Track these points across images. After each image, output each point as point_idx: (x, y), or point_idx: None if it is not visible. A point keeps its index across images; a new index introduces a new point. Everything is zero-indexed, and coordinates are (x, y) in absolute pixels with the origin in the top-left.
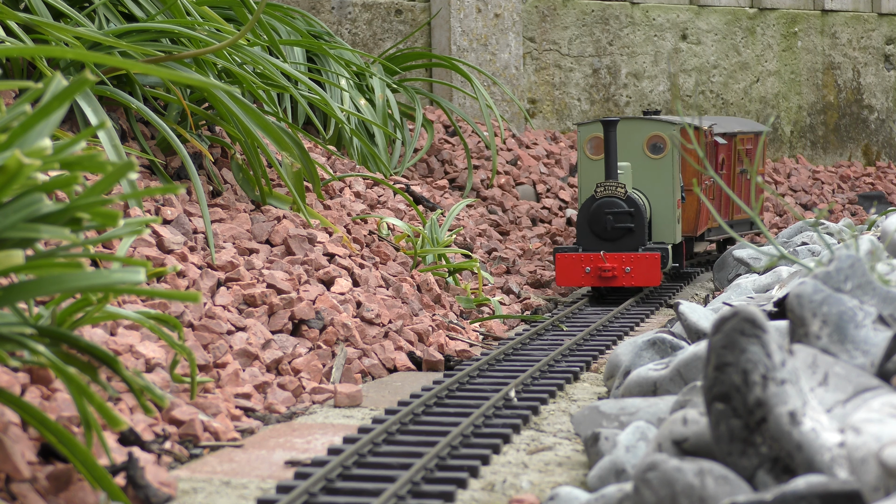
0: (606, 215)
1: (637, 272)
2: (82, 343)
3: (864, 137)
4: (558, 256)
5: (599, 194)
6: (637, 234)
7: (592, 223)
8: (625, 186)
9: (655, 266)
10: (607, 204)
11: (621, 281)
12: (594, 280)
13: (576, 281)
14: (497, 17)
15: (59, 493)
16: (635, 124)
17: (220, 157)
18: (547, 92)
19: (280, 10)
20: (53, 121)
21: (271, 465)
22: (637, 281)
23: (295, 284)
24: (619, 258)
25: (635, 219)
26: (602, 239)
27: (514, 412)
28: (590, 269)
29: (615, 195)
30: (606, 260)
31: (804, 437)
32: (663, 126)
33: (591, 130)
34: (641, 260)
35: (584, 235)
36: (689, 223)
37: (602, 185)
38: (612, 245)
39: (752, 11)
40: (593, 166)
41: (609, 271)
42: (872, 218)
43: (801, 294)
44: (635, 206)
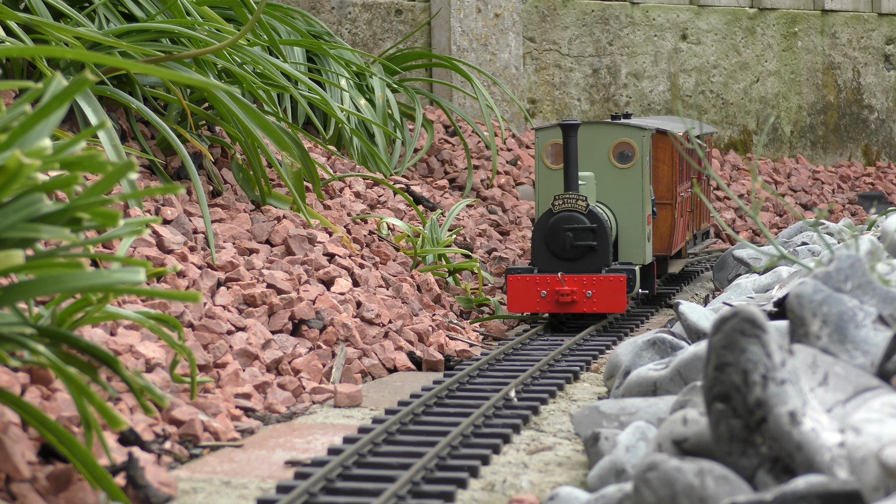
0: (565, 232)
1: (599, 297)
2: (82, 343)
3: (864, 137)
4: (510, 279)
5: (557, 208)
6: (600, 253)
7: (549, 241)
8: (586, 199)
9: (620, 290)
10: (566, 219)
11: (581, 307)
12: (551, 305)
13: (530, 306)
14: (497, 17)
15: (59, 493)
16: (600, 129)
17: (220, 157)
18: (547, 92)
19: (280, 10)
20: (53, 121)
21: (271, 465)
22: (599, 307)
23: (295, 284)
24: (580, 281)
25: (598, 236)
26: (560, 259)
27: (514, 412)
28: (546, 293)
29: (575, 209)
30: (564, 282)
31: (804, 437)
32: (631, 132)
33: (549, 136)
34: (605, 283)
35: (540, 255)
36: (662, 240)
37: (560, 198)
38: (571, 266)
39: (752, 11)
40: (553, 176)
41: (568, 295)
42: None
43: (801, 294)
44: (598, 222)
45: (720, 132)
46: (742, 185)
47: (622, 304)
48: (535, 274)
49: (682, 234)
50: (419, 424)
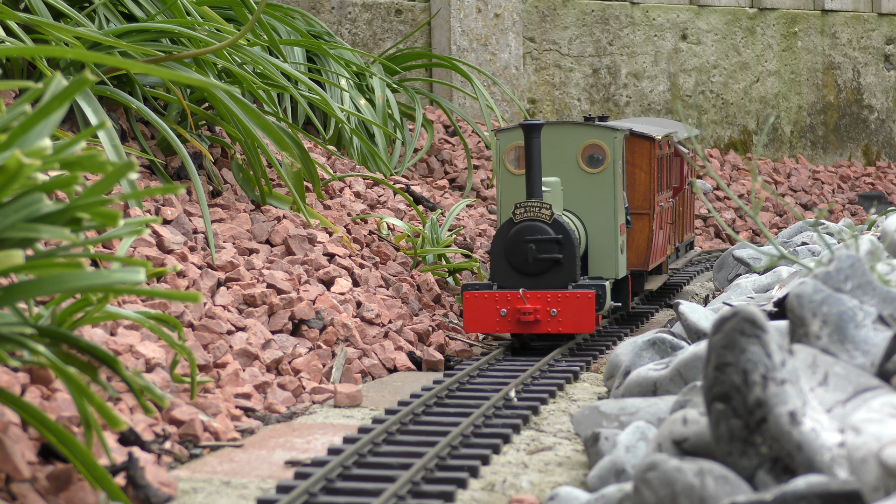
0: (527, 244)
1: (565, 316)
2: (82, 343)
3: (864, 137)
4: (466, 296)
5: (518, 217)
6: (566, 267)
7: (510, 254)
8: (551, 207)
9: (588, 308)
10: (528, 229)
11: (545, 326)
12: (512, 325)
13: (489, 326)
14: (497, 17)
15: (59, 493)
16: (567, 130)
17: (220, 157)
18: (547, 92)
19: (280, 10)
20: (53, 121)
21: (271, 465)
22: (565, 326)
23: (295, 284)
24: (543, 298)
25: (564, 248)
26: (522, 273)
27: (514, 412)
28: (506, 312)
29: (538, 218)
30: (526, 300)
31: (804, 437)
32: (602, 133)
33: (511, 138)
34: (571, 300)
35: (500, 269)
36: (638, 253)
37: (522, 206)
38: (534, 281)
39: (752, 11)
40: (515, 182)
41: (530, 314)
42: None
43: (801, 294)
44: (564, 232)
45: (720, 132)
46: (742, 185)
47: (590, 324)
48: (495, 290)
49: (661, 247)
50: (419, 424)
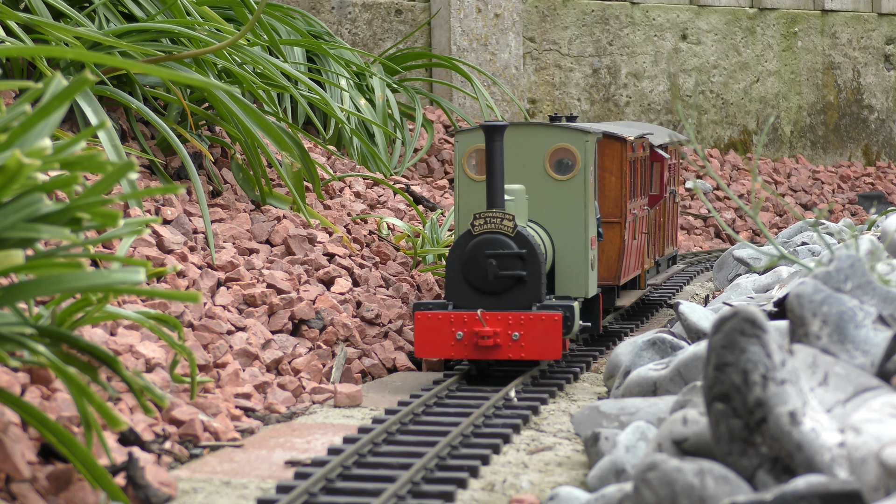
0: (487, 259)
1: (529, 340)
2: (82, 343)
3: (864, 137)
4: (418, 316)
5: (478, 229)
6: (530, 285)
7: (468, 270)
8: (513, 218)
9: (555, 331)
10: (488, 243)
11: (506, 352)
12: (469, 350)
13: (442, 350)
14: (497, 17)
15: (59, 493)
16: (533, 133)
17: (220, 157)
18: (547, 92)
19: (280, 10)
20: (53, 121)
21: (271, 465)
22: (528, 352)
23: (295, 284)
24: (505, 320)
25: (528, 264)
26: (481, 292)
27: (514, 412)
28: (463, 335)
29: (500, 231)
30: (485, 322)
31: (804, 437)
32: (572, 135)
33: (472, 140)
34: (535, 323)
35: (457, 287)
36: (610, 267)
37: (482, 217)
38: (494, 301)
39: (752, 11)
40: (476, 189)
41: (489, 338)
42: (872, 218)
43: (801, 294)
44: (528, 247)
45: (720, 132)
46: (742, 185)
47: (556, 349)
48: (450, 311)
49: (635, 259)
50: (419, 424)
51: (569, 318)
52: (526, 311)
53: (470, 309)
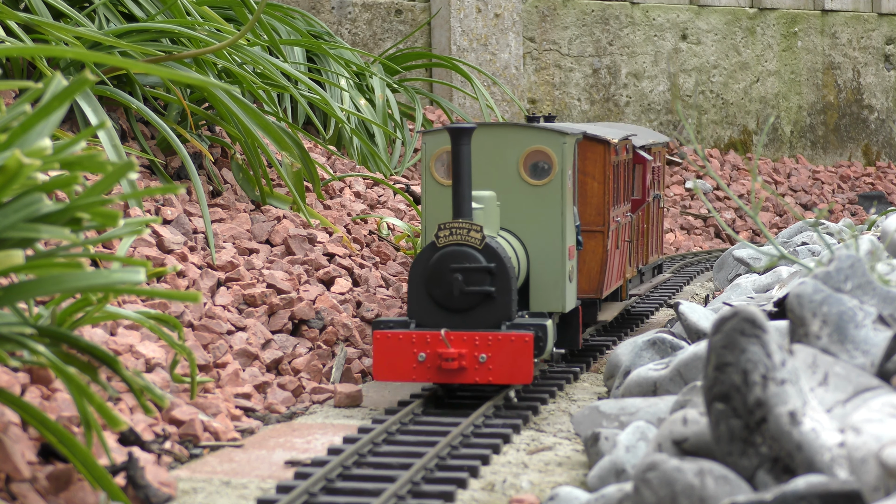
0: (453, 273)
1: (497, 362)
2: (82, 343)
3: (864, 137)
4: (377, 336)
5: (443, 241)
6: (500, 302)
7: (432, 285)
8: (481, 229)
9: (525, 353)
10: (454, 256)
11: (472, 375)
12: (432, 373)
13: (403, 373)
14: (497, 17)
15: (59, 493)
16: (506, 134)
17: (220, 157)
18: (547, 92)
19: (280, 10)
20: (53, 121)
21: (271, 465)
22: (496, 376)
23: (295, 284)
24: (471, 340)
25: (497, 279)
26: (445, 309)
27: (514, 412)
28: (425, 357)
29: (466, 243)
30: (450, 342)
31: (804, 437)
32: (548, 137)
33: (441, 141)
34: (504, 344)
35: (420, 303)
36: (591, 279)
37: (447, 228)
38: (460, 319)
39: (752, 11)
40: (444, 195)
41: (454, 360)
42: (872, 218)
43: (801, 294)
44: (498, 260)
45: (720, 132)
46: (742, 185)
47: (527, 373)
48: (412, 330)
49: (617, 270)
50: (419, 424)
51: (541, 338)
52: (494, 331)
53: (434, 328)
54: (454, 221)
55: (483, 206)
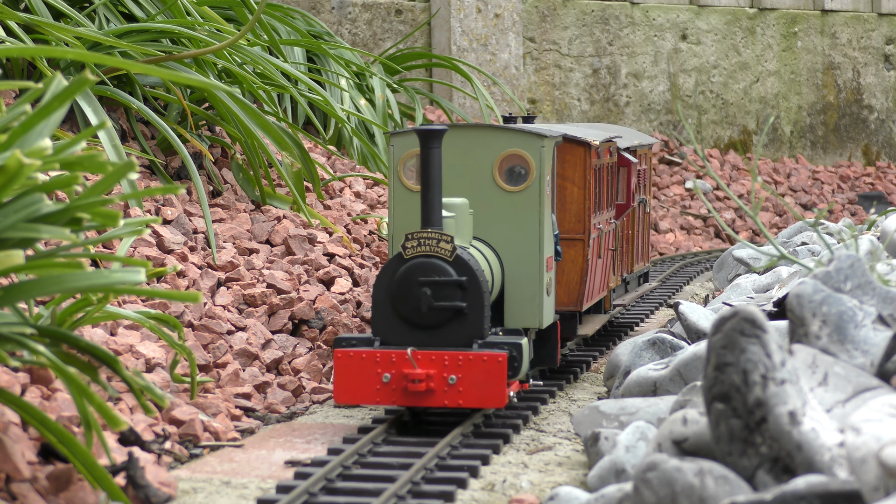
0: (420, 287)
1: (468, 384)
2: (82, 343)
3: (863, 137)
4: (338, 354)
5: (410, 252)
6: (471, 319)
7: (398, 300)
8: (452, 240)
9: (498, 374)
10: (422, 268)
11: (441, 398)
12: (397, 396)
13: (366, 396)
14: (497, 17)
15: (59, 493)
16: (480, 137)
17: (221, 157)
18: (547, 92)
19: (280, 10)
20: (53, 121)
21: (271, 465)
22: (466, 398)
23: (295, 284)
24: (440, 360)
25: (469, 294)
26: (413, 326)
27: (514, 412)
28: (390, 378)
29: (436, 254)
30: (416, 362)
31: (804, 436)
32: (525, 140)
33: (410, 144)
34: (475, 364)
35: (385, 320)
36: (570, 291)
37: (415, 238)
38: (428, 337)
39: (752, 11)
40: (415, 202)
41: (421, 381)
42: (872, 218)
43: (801, 294)
44: (469, 273)
45: (720, 132)
46: (742, 186)
47: (500, 396)
48: (376, 348)
49: (600, 280)
50: (419, 424)
51: (516, 357)
52: (465, 350)
53: (400, 346)
54: (422, 231)
55: (454, 215)
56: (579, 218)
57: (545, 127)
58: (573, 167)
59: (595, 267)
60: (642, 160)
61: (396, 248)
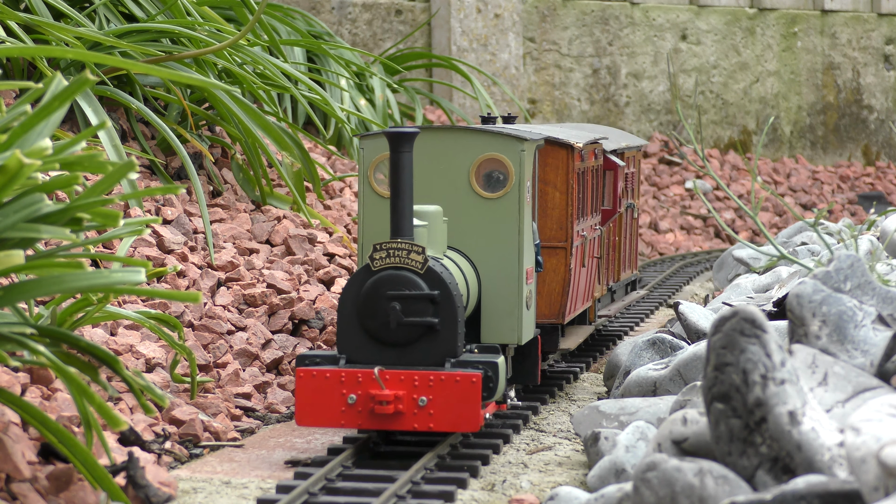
0: (389, 302)
1: (439, 406)
2: (82, 343)
3: (863, 138)
4: (300, 373)
5: (378, 264)
6: (444, 336)
7: (365, 315)
8: (423, 251)
9: (472, 396)
10: (391, 282)
11: (410, 421)
12: (364, 418)
13: (330, 418)
14: (497, 17)
15: (60, 493)
16: (455, 140)
17: (221, 158)
18: (547, 92)
19: (280, 10)
20: (54, 121)
21: (271, 465)
22: (438, 422)
23: (295, 284)
24: (409, 380)
25: (441, 309)
26: (381, 343)
27: (513, 412)
28: (356, 399)
29: (406, 266)
30: (385, 383)
31: (804, 436)
32: (504, 143)
33: (381, 147)
34: (448, 385)
35: (352, 336)
36: (552, 303)
37: (384, 249)
38: (397, 355)
39: (751, 12)
40: (385, 209)
41: (390, 403)
42: (872, 218)
43: (801, 294)
44: (442, 287)
45: (720, 132)
46: (742, 186)
47: (474, 419)
48: (341, 367)
49: (584, 290)
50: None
51: (491, 378)
52: (437, 370)
53: (367, 365)
54: (392, 241)
55: (426, 224)
56: (561, 225)
57: (526, 128)
58: (555, 171)
59: (578, 277)
60: (630, 162)
61: (365, 258)
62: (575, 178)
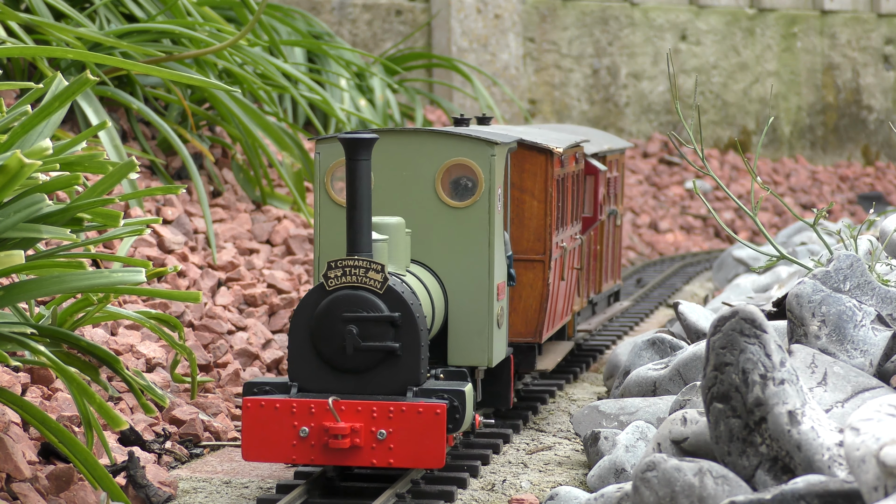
0: (345, 324)
1: (400, 440)
2: (83, 343)
3: (863, 138)
4: (247, 403)
5: (333, 283)
6: (405, 362)
7: (319, 339)
8: (383, 268)
9: (436, 429)
10: (347, 302)
11: (368, 456)
12: (317, 453)
13: (280, 453)
14: (497, 17)
15: (60, 493)
16: (420, 144)
17: (221, 158)
18: (547, 92)
19: (280, 10)
20: (54, 121)
21: (271, 465)
22: (398, 457)
23: (295, 284)
24: (367, 411)
25: (402, 332)
26: (336, 370)
27: (514, 412)
28: (308, 431)
29: (364, 285)
30: (340, 414)
31: (803, 436)
32: (473, 147)
33: (337, 153)
34: (409, 416)
35: (304, 362)
36: (527, 320)
37: (339, 266)
38: (355, 383)
39: (751, 12)
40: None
41: (346, 437)
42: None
43: (801, 294)
44: (403, 308)
45: (719, 132)
46: (741, 186)
47: (437, 454)
48: (292, 397)
49: (563, 305)
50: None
51: (457, 408)
52: (397, 399)
53: (320, 394)
54: (348, 258)
55: (387, 237)
56: (539, 236)
57: (499, 130)
58: (533, 178)
59: (557, 291)
60: (613, 166)
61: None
62: (554, 186)
